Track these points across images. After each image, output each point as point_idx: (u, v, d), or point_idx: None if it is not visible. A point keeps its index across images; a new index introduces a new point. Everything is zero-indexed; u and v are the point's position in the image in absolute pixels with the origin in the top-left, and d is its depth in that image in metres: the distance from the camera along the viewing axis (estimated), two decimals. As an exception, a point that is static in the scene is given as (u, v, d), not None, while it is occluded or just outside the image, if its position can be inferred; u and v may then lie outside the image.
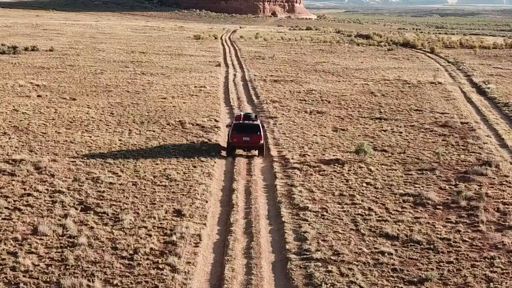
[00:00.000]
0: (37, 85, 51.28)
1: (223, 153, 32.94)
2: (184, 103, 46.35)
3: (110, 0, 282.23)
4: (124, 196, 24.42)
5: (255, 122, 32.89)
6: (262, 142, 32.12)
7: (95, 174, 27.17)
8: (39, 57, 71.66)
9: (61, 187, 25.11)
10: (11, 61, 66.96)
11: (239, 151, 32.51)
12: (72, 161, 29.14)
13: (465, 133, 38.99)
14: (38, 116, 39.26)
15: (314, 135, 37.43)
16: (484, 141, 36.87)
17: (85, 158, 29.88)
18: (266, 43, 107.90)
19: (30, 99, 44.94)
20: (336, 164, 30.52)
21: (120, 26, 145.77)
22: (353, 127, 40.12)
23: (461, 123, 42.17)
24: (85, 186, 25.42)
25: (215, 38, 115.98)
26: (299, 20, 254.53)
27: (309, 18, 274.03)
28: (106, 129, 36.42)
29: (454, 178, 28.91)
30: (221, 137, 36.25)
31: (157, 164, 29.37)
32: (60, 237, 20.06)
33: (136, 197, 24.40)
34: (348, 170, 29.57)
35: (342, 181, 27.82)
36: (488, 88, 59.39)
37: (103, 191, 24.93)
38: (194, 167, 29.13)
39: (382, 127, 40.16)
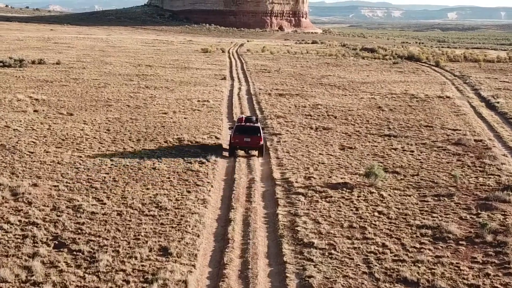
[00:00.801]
0: (36, 99, 47.67)
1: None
2: (185, 118, 42.60)
3: (123, 15, 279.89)
4: (105, 230, 20.59)
5: (255, 125, 33.45)
6: (262, 143, 32.52)
7: (77, 201, 23.36)
8: (44, 71, 68.19)
9: (37, 218, 21.32)
10: (15, 74, 63.53)
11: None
12: (55, 186, 25.33)
13: (480, 152, 35.01)
14: (30, 133, 35.54)
15: (320, 154, 33.54)
16: (502, 162, 32.90)
17: (70, 182, 26.08)
18: (272, 57, 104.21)
19: (26, 114, 41.28)
20: (344, 189, 26.59)
21: (130, 40, 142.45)
22: (361, 145, 36.22)
23: (475, 140, 38.18)
24: (64, 217, 21.60)
25: (223, 52, 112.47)
26: (305, 34, 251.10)
27: (315, 32, 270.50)
28: (99, 148, 32.62)
29: (474, 205, 24.98)
30: (221, 157, 32.48)
31: (147, 189, 25.53)
32: (22, 284, 16.30)
33: (119, 231, 20.56)
34: (358, 196, 25.62)
35: (352, 210, 23.90)
36: (498, 102, 55.53)
37: (83, 223, 21.12)
38: (188, 192, 25.27)
39: (392, 145, 36.24)
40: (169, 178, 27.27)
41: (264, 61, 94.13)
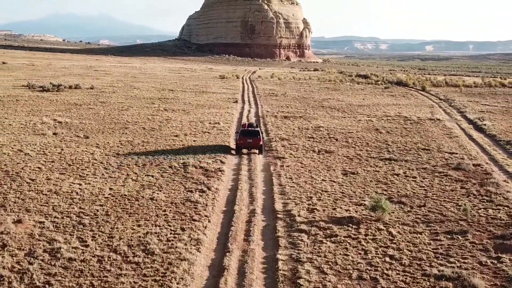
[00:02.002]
0: (60, 122, 41.84)
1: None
2: (194, 141, 36.56)
3: (158, 47, 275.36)
4: (77, 284, 14.51)
5: (256, 129, 34.26)
6: (261, 143, 33.42)
7: (59, 242, 17.27)
8: (78, 95, 62.47)
9: (4, 267, 15.31)
10: (50, 98, 57.88)
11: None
12: (41, 222, 19.26)
13: (482, 179, 28.59)
14: (39, 157, 29.59)
15: (323, 180, 27.28)
16: (506, 189, 26.43)
17: (59, 216, 20.03)
18: (279, 82, 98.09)
19: (43, 138, 35.42)
20: (350, 225, 20.29)
21: (160, 68, 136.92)
22: (363, 169, 29.92)
23: (474, 165, 31.74)
24: (35, 266, 15.54)
25: (237, 78, 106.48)
26: (308, 63, 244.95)
27: (316, 61, 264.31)
28: (102, 174, 26.56)
29: (492, 245, 18.64)
30: (224, 183, 26.31)
31: (139, 225, 19.40)
32: None
33: (93, 286, 14.49)
34: (365, 235, 19.32)
35: (360, 253, 17.60)
36: (485, 125, 48.99)
37: (55, 274, 15.06)
38: (183, 230, 19.11)
39: (394, 170, 29.92)
40: (165, 211, 21.12)
41: (273, 86, 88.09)
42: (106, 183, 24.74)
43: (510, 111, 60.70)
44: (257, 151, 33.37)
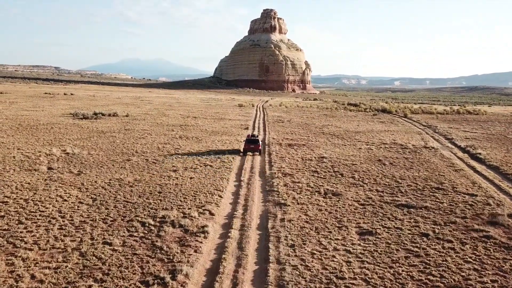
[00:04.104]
0: (67, 153, 30.18)
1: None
2: (191, 178, 24.42)
3: (197, 82, 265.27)
4: None
5: (256, 138, 33.60)
6: (260, 148, 33.00)
7: None
8: (110, 122, 50.95)
9: None
10: (83, 125, 46.49)
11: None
12: None
13: (537, 243, 15.98)
14: (0, 207, 17.81)
15: (335, 249, 14.90)
16: None
17: None
18: (286, 110, 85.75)
19: (31, 175, 23.65)
20: None
21: (193, 98, 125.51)
22: (382, 225, 17.44)
23: (508, 216, 19.14)
24: None
25: (253, 106, 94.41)
26: (309, 94, 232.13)
27: (315, 93, 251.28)
28: (48, 241, 14.50)
29: None
30: (203, 257, 14.12)
31: None
32: None
33: None
34: None
35: None
36: (480, 153, 36.15)
37: None
38: None
39: (419, 226, 17.41)
40: None
41: (280, 113, 75.79)
42: (37, 263, 12.70)
43: (491, 138, 47.62)
44: (257, 153, 33.27)
